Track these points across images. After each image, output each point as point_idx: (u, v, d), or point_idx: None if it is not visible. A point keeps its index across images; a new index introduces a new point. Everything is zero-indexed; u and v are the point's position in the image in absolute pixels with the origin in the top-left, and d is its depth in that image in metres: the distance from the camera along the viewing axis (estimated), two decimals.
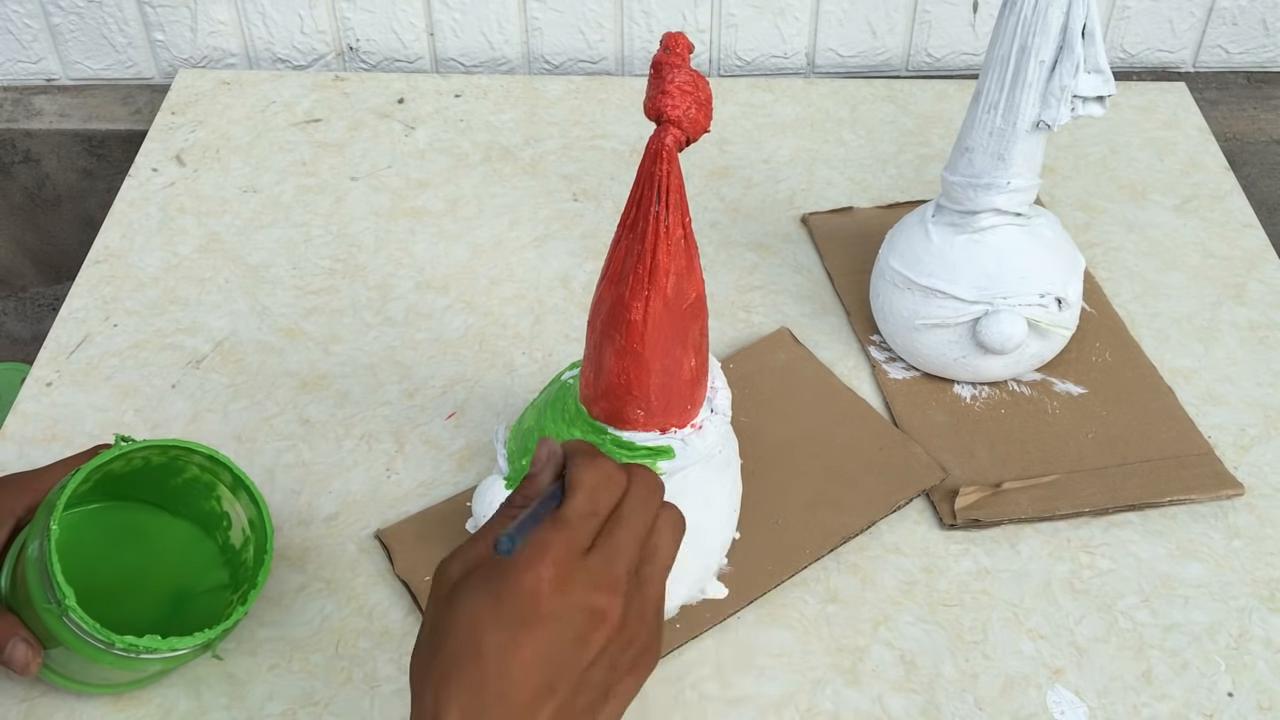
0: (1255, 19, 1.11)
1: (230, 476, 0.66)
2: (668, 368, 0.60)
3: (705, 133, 0.54)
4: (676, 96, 0.53)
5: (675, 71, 0.53)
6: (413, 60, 1.13)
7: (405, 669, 0.66)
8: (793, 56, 1.12)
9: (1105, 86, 0.70)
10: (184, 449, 0.64)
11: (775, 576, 0.70)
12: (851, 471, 0.76)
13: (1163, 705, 0.65)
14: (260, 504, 0.66)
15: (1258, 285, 0.89)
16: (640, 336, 0.58)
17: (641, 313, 0.57)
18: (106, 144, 1.11)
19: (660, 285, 0.57)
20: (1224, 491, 0.75)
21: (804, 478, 0.75)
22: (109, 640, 0.58)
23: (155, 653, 0.60)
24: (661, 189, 0.55)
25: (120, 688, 0.65)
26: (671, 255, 0.56)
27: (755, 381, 0.81)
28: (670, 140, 0.53)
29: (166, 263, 0.91)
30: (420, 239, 0.93)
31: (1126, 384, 0.81)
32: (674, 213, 0.55)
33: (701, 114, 0.53)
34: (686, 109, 0.53)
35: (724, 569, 0.70)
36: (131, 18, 1.10)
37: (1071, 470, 0.76)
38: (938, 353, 0.79)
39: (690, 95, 0.53)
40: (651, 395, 0.60)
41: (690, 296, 0.58)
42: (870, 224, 0.92)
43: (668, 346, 0.59)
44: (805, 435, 0.78)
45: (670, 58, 0.53)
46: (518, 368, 0.83)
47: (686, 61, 0.53)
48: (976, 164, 0.74)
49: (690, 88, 0.53)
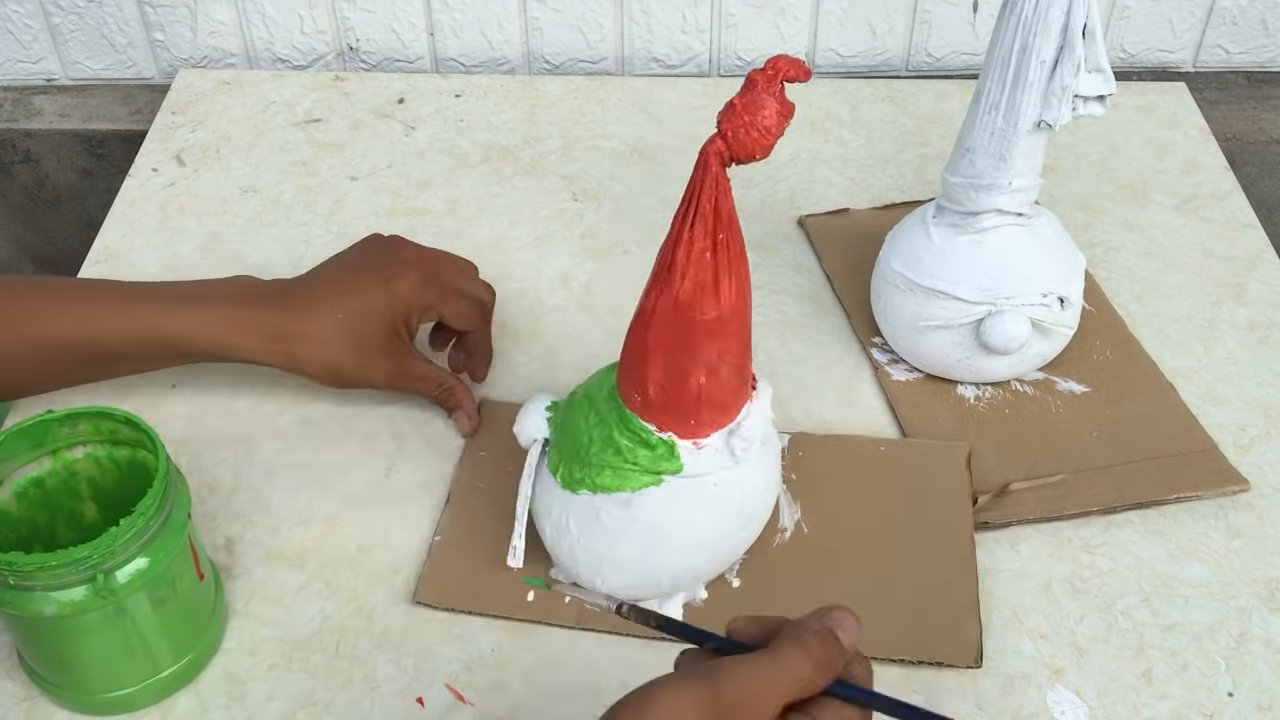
0: (1255, 19, 1.11)
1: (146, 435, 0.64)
2: (670, 370, 0.61)
3: (756, 158, 0.56)
4: (737, 112, 0.55)
5: (753, 91, 0.55)
6: (413, 60, 1.13)
7: (405, 669, 0.66)
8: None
9: (1106, 86, 0.70)
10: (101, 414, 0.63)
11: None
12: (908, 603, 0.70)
13: (1163, 705, 0.65)
14: (152, 436, 0.63)
15: (1258, 285, 0.89)
16: (646, 325, 0.60)
17: (653, 303, 0.60)
18: (106, 144, 1.10)
19: (672, 284, 0.59)
20: (1230, 487, 0.75)
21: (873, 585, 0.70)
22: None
23: (27, 574, 0.57)
24: (692, 194, 0.57)
25: (121, 705, 0.65)
26: (690, 261, 0.58)
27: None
28: (711, 150, 0.56)
29: (166, 263, 0.91)
30: (420, 239, 0.92)
31: (1128, 381, 0.81)
32: (700, 221, 0.57)
33: (752, 137, 0.55)
34: (739, 127, 0.55)
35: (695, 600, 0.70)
36: (131, 18, 1.10)
37: (1077, 469, 0.76)
38: (941, 354, 0.79)
39: (750, 116, 0.55)
40: (650, 387, 0.61)
41: (710, 314, 0.59)
42: (867, 225, 0.92)
43: (672, 348, 0.60)
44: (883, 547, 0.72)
45: (759, 76, 0.55)
46: (518, 367, 0.83)
47: (774, 84, 0.55)
48: (978, 164, 0.74)
49: (754, 109, 0.55)
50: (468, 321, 0.77)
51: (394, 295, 0.74)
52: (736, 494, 0.66)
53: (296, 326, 0.73)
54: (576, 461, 0.65)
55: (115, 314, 0.73)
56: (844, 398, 0.81)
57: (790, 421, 0.79)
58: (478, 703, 0.65)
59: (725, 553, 0.68)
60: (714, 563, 0.68)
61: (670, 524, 0.65)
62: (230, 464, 0.77)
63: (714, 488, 0.64)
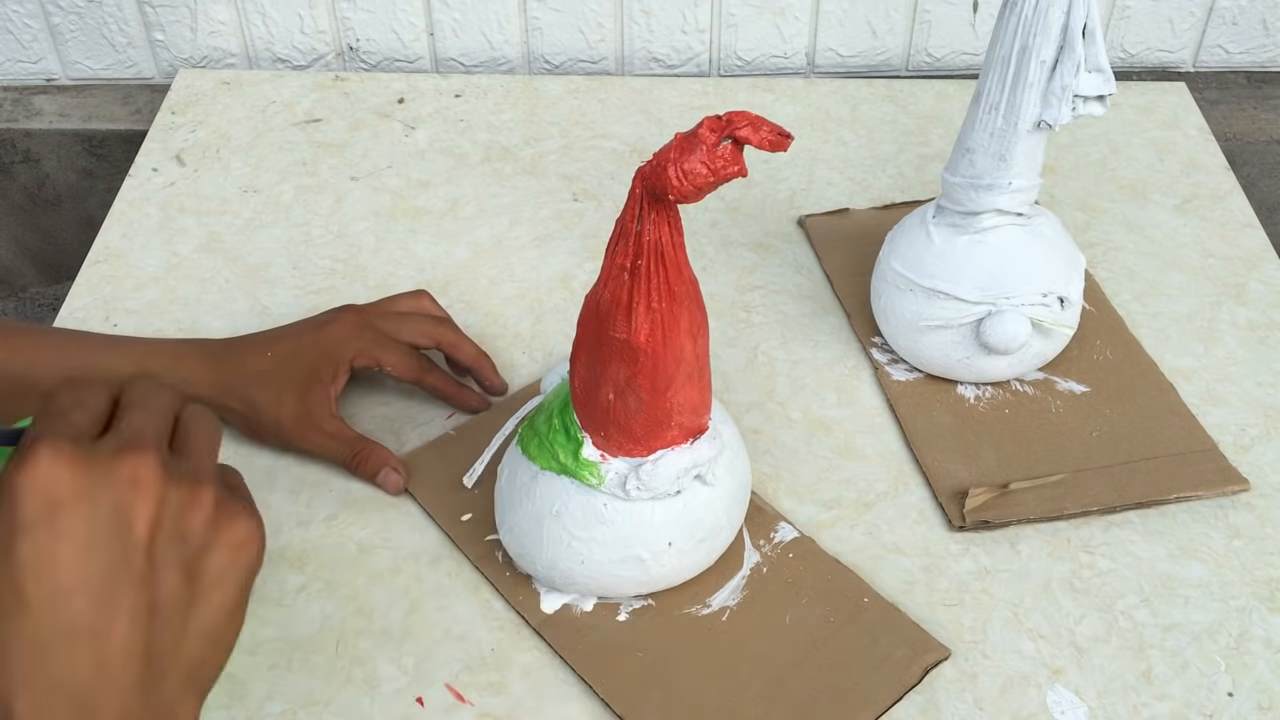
0: (1255, 19, 1.11)
1: None
2: (588, 372, 0.62)
3: (669, 198, 0.54)
4: (671, 145, 0.54)
5: (693, 134, 0.53)
6: (413, 60, 1.13)
7: (405, 669, 0.66)
8: (793, 56, 1.12)
9: (1106, 85, 0.70)
10: None
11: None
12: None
13: (1163, 705, 0.65)
14: None
15: (1258, 285, 0.89)
16: (581, 316, 0.62)
17: (591, 296, 0.61)
18: (106, 144, 1.11)
19: (598, 288, 0.60)
20: (1230, 487, 0.75)
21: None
22: None
23: None
24: (624, 213, 0.57)
25: None
26: (610, 273, 0.58)
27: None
28: (639, 172, 0.55)
29: (166, 262, 0.91)
30: (420, 239, 0.93)
31: (1128, 381, 0.81)
32: (622, 238, 0.57)
33: (667, 174, 0.54)
34: (664, 162, 0.54)
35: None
36: (131, 18, 1.10)
37: (1077, 469, 0.76)
38: (941, 354, 0.79)
39: (678, 155, 0.53)
40: (576, 381, 0.63)
41: (620, 333, 0.59)
42: (867, 225, 0.92)
43: (591, 351, 0.61)
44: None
45: (709, 121, 0.53)
46: (518, 368, 0.83)
47: (716, 134, 0.53)
48: (978, 165, 0.74)
49: (685, 150, 0.53)
50: (406, 369, 0.76)
51: (321, 336, 0.74)
52: (624, 528, 0.64)
53: (231, 356, 0.74)
54: (531, 420, 0.67)
55: (54, 348, 0.72)
56: (844, 398, 0.81)
57: (790, 421, 0.79)
58: (478, 703, 0.65)
59: (608, 579, 0.66)
60: (593, 581, 0.66)
61: (556, 514, 0.65)
62: (230, 464, 0.76)
63: (604, 508, 0.64)
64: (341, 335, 0.74)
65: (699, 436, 0.64)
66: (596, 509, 0.64)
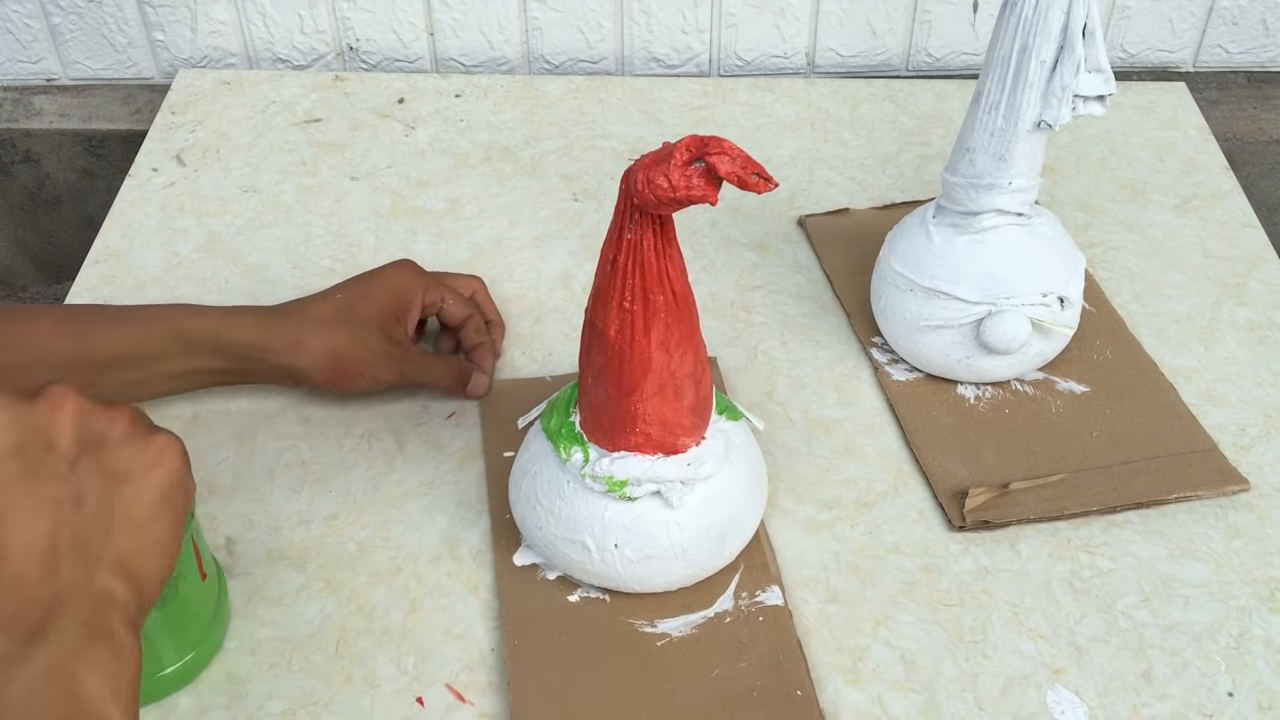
0: (1255, 19, 1.11)
1: None
2: (582, 353, 0.64)
3: (638, 202, 0.55)
4: (650, 155, 0.54)
5: (665, 152, 0.54)
6: (413, 60, 1.13)
7: (405, 669, 0.66)
8: (793, 56, 1.12)
9: (1106, 85, 0.70)
10: None
11: None
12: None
13: (1163, 705, 0.65)
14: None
15: (1258, 285, 0.89)
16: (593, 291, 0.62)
17: (599, 276, 0.61)
18: (106, 144, 1.11)
19: (599, 271, 0.60)
20: (1230, 487, 0.75)
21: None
22: None
23: None
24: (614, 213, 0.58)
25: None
26: (599, 264, 0.59)
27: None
28: (627, 172, 0.56)
29: (166, 262, 0.91)
30: (420, 239, 0.93)
31: (1128, 381, 0.81)
32: (609, 233, 0.58)
33: (640, 182, 0.54)
34: (642, 168, 0.55)
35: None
36: (131, 18, 1.10)
37: (1077, 469, 0.76)
38: (941, 354, 0.79)
39: (652, 162, 0.54)
40: (580, 358, 0.64)
41: (598, 324, 0.60)
42: (867, 225, 0.92)
43: (585, 345, 0.63)
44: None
45: (687, 141, 0.53)
46: (518, 368, 0.83)
47: (685, 155, 0.53)
48: (978, 164, 0.74)
49: (657, 164, 0.54)
50: (459, 310, 0.80)
51: (388, 279, 0.78)
52: (575, 511, 0.66)
53: (295, 309, 0.77)
54: (574, 382, 0.68)
55: (113, 317, 0.74)
56: (844, 398, 0.81)
57: (790, 421, 0.79)
58: (478, 703, 0.65)
59: (559, 555, 0.68)
60: (549, 550, 0.68)
61: (534, 475, 0.67)
62: (230, 464, 0.77)
63: (565, 484, 0.66)
64: (409, 275, 0.79)
65: (673, 455, 0.65)
66: (560, 483, 0.66)
